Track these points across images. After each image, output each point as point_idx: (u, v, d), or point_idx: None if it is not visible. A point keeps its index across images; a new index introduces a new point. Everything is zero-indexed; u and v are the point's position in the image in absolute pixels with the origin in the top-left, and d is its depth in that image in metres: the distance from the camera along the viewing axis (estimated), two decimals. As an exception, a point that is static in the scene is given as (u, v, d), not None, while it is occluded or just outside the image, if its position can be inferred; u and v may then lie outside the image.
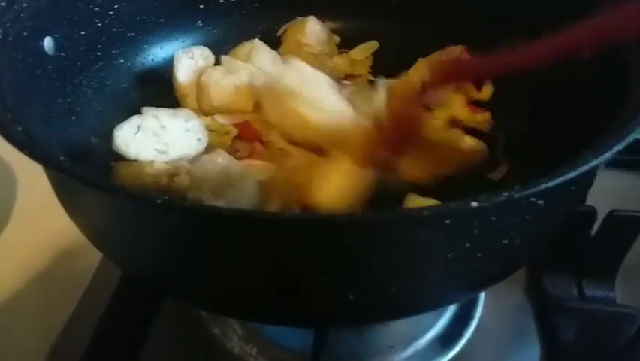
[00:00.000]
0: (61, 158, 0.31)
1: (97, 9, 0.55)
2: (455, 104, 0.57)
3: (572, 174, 0.28)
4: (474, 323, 0.53)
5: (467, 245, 0.31)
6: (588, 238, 0.52)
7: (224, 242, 0.29)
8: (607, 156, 0.29)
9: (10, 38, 0.42)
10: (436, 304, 0.38)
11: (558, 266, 0.54)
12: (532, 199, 0.30)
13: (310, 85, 0.54)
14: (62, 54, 0.50)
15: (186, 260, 0.31)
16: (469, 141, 0.56)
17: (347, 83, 0.59)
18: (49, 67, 0.48)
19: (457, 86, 0.58)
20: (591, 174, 0.39)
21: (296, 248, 0.28)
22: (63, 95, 0.51)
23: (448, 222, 0.28)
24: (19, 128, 0.34)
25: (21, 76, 0.43)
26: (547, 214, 0.35)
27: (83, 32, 0.53)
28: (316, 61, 0.62)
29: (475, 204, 0.25)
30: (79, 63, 0.53)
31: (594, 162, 0.29)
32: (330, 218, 0.27)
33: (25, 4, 0.46)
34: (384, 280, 0.31)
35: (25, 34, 0.45)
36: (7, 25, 0.43)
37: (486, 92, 0.59)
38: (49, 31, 0.49)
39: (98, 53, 0.56)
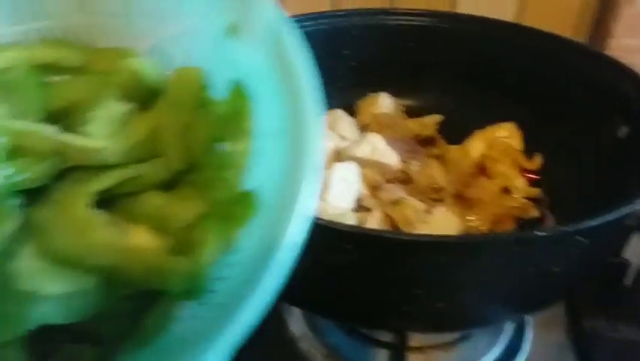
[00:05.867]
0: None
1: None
2: (511, 176, 0.68)
3: (614, 216, 0.39)
4: (523, 355, 0.63)
5: (529, 270, 0.42)
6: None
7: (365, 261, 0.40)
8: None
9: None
10: (500, 318, 0.48)
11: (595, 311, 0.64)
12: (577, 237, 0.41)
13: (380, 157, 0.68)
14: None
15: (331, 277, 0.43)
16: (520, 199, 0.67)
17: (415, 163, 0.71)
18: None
19: (512, 158, 0.70)
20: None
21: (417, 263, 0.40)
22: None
23: (516, 249, 0.40)
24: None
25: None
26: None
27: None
28: (391, 122, 0.76)
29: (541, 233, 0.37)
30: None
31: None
32: (446, 240, 0.39)
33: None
34: (466, 292, 0.42)
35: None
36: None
37: (536, 161, 0.69)
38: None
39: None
